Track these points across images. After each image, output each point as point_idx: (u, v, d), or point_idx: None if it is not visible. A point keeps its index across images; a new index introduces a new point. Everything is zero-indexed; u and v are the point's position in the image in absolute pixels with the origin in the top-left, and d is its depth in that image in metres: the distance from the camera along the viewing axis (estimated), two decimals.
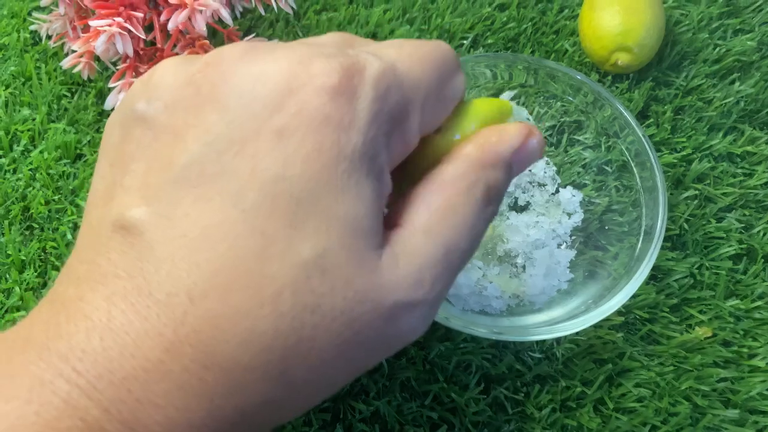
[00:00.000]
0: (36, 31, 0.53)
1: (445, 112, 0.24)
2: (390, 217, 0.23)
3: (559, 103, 0.47)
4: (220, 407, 0.19)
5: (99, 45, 0.39)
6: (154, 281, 0.19)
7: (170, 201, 0.19)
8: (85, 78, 0.47)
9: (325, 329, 0.19)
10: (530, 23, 0.54)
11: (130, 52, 0.40)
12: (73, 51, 0.45)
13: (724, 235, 0.46)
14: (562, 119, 0.48)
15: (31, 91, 0.51)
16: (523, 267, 0.45)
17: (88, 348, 0.18)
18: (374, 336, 0.21)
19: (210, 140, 0.19)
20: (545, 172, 0.48)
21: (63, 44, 0.52)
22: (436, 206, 0.22)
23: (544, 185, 0.47)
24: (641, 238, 0.41)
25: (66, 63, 0.45)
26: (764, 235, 0.46)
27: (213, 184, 0.19)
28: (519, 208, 0.47)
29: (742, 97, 0.51)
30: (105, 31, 0.38)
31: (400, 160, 0.23)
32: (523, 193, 0.47)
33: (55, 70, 0.52)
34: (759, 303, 0.44)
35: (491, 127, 0.25)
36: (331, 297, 0.19)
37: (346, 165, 0.19)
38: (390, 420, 0.40)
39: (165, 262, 0.19)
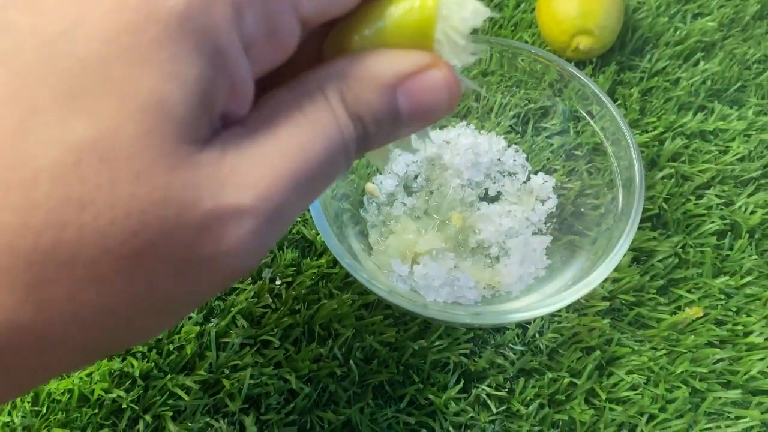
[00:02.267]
0: None
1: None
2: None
3: (522, 91, 0.45)
4: None
5: None
6: None
7: None
8: None
9: (98, 234, 0.15)
10: (487, 18, 0.53)
11: None
12: None
13: (706, 212, 0.44)
14: (527, 107, 0.46)
15: None
16: (497, 258, 0.42)
17: None
18: (180, 252, 0.16)
19: None
20: (515, 160, 0.45)
21: None
22: (285, 104, 0.17)
23: (514, 174, 0.45)
24: (619, 218, 0.39)
25: None
26: (746, 209, 0.44)
27: None
28: (490, 199, 0.45)
29: (708, 76, 0.50)
30: None
31: (269, 58, 0.17)
32: (493, 183, 0.45)
33: None
34: (749, 278, 0.41)
35: (382, 49, 0.19)
36: (112, 192, 0.15)
37: (156, 31, 0.15)
38: (363, 429, 0.37)
39: None
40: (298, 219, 0.43)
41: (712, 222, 0.44)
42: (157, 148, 0.15)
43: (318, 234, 0.42)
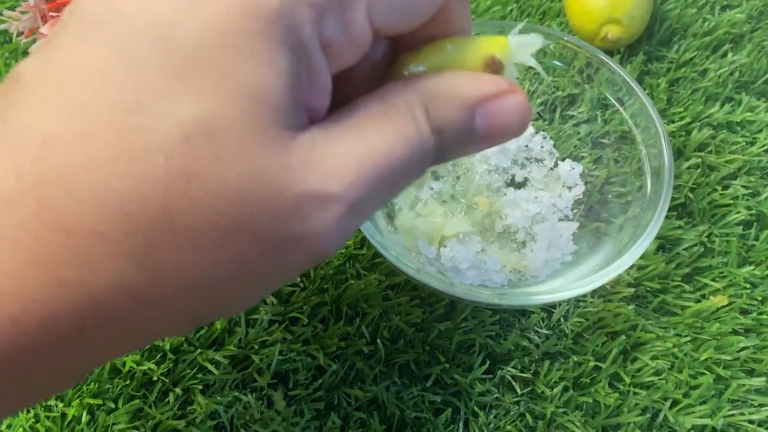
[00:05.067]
0: (6, 31, 0.51)
1: (409, 12, 0.19)
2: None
3: (550, 78, 0.46)
4: (61, 282, 0.15)
5: None
6: (12, 126, 0.16)
7: (55, 44, 0.17)
8: None
9: (203, 205, 0.16)
10: (515, 5, 0.53)
11: None
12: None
13: (731, 202, 0.44)
14: (554, 94, 0.46)
15: None
16: (524, 243, 0.42)
17: None
18: (273, 229, 0.17)
19: None
20: (542, 147, 0.46)
21: (35, 40, 0.50)
22: (373, 110, 0.19)
23: (541, 160, 0.45)
24: (646, 206, 0.39)
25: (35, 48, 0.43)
26: None
27: (99, 27, 0.16)
28: (516, 184, 0.45)
29: (736, 67, 0.50)
30: None
31: (344, 59, 0.19)
32: (521, 169, 0.45)
33: None
34: None
35: (465, 71, 0.21)
36: (216, 168, 0.16)
37: (253, 24, 0.16)
38: (389, 406, 0.37)
39: (28, 105, 0.16)
40: None
41: (738, 212, 0.44)
42: (255, 130, 0.16)
43: None
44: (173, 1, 0.16)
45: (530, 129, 0.46)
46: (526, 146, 0.46)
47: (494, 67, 0.21)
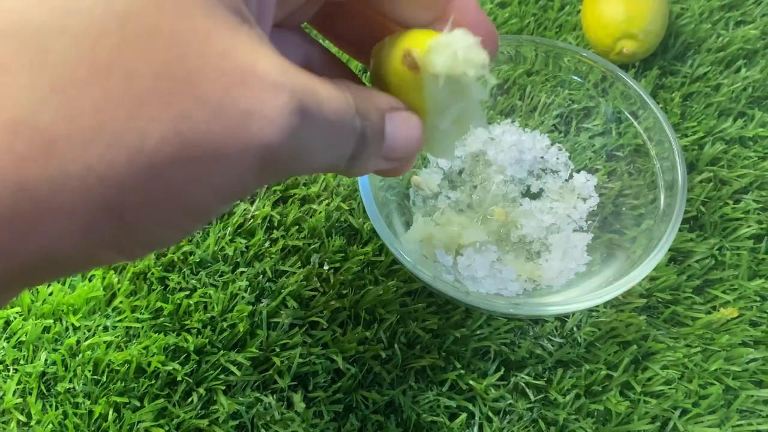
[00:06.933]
0: None
1: None
2: None
3: (566, 91, 0.47)
4: None
5: None
6: None
7: None
8: None
9: (139, 48, 0.14)
10: (532, 18, 0.54)
11: None
12: None
13: (743, 216, 0.45)
14: (570, 107, 0.47)
15: None
16: (538, 253, 0.43)
17: None
18: (218, 95, 0.15)
19: None
20: (558, 158, 0.47)
21: None
22: (317, 77, 0.19)
23: (557, 172, 0.46)
24: (659, 219, 0.40)
25: None
26: None
27: None
28: (532, 195, 0.46)
29: (749, 83, 0.51)
30: None
31: None
32: (536, 180, 0.46)
33: None
34: None
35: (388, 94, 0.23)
36: (160, 16, 0.14)
37: None
38: (406, 410, 0.38)
39: None
40: (345, 208, 0.45)
41: (749, 226, 0.45)
42: None
43: (365, 223, 0.44)
44: None
45: (546, 140, 0.47)
46: (542, 158, 0.47)
47: (409, 61, 0.22)
